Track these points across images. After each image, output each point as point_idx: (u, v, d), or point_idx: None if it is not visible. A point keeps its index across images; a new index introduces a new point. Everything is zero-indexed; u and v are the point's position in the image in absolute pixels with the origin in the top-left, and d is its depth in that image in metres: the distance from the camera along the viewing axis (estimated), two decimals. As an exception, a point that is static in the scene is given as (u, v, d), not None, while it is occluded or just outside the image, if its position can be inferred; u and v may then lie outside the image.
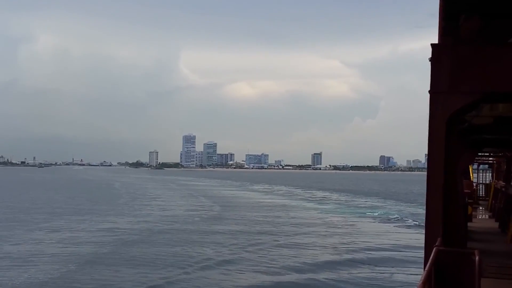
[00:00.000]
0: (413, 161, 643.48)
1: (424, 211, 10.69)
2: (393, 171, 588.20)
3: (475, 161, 36.02)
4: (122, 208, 76.05)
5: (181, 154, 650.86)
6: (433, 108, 10.09)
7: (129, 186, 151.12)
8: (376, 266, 34.21)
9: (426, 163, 10.31)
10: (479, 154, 29.68)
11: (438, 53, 10.12)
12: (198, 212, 70.61)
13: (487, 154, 32.20)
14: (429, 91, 10.12)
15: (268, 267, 33.47)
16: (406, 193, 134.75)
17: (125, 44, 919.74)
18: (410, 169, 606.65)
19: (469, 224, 22.16)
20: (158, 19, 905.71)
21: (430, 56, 10.07)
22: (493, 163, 39.54)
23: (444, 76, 10.03)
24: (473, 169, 40.16)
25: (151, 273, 31.31)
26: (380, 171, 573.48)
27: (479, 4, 10.05)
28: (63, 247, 40.27)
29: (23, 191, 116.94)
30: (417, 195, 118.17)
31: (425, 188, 10.52)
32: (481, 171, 46.47)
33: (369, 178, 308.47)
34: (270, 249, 40.19)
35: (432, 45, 10.20)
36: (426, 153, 10.34)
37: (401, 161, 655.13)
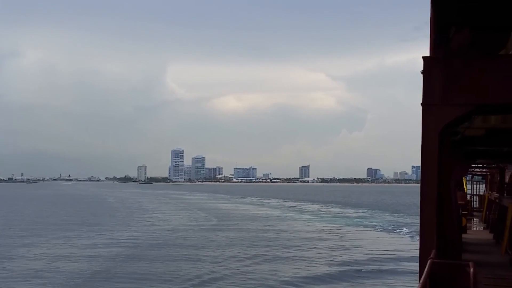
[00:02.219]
0: (400, 173, 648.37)
1: (415, 221, 10.73)
2: (380, 183, 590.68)
3: (468, 172, 36.12)
4: (124, 221, 78.26)
5: (169, 168, 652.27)
6: (426, 120, 10.13)
7: (123, 201, 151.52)
8: (371, 278, 34.11)
9: (413, 175, 10.34)
10: (472, 165, 29.79)
11: (430, 66, 10.18)
12: (197, 223, 73.98)
13: (481, 165, 32.29)
14: (422, 104, 10.17)
15: (267, 280, 33.54)
16: (394, 204, 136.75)
17: (112, 58, 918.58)
18: (397, 181, 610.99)
19: (463, 235, 22.14)
20: (144, 33, 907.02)
21: (420, 68, 10.14)
22: (486, 174, 39.67)
23: (436, 89, 10.09)
24: (466, 180, 40.25)
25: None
26: (367, 183, 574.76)
27: (469, 17, 10.15)
28: (82, 255, 43.12)
29: (25, 207, 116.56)
30: (405, 206, 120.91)
31: (413, 199, 10.57)
32: (474, 182, 46.58)
33: (357, 190, 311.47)
34: (269, 262, 40.55)
35: (424, 58, 10.27)
36: (413, 165, 10.39)
37: (388, 173, 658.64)
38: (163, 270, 36.55)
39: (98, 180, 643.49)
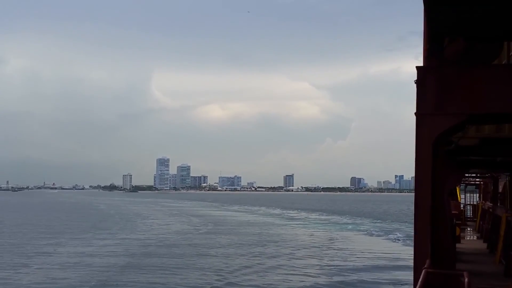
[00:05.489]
0: (383, 182, 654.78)
1: (401, 227, 10.72)
2: (364, 192, 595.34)
3: (462, 182, 36.19)
4: (127, 226, 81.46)
5: (154, 176, 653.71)
6: (419, 129, 10.12)
7: (116, 208, 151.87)
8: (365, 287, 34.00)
9: (396, 184, 10.28)
10: (466, 175, 29.87)
11: (424, 75, 10.19)
12: (196, 228, 78.73)
13: (474, 175, 32.38)
14: (415, 113, 10.16)
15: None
16: (379, 211, 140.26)
17: (96, 66, 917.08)
18: (380, 190, 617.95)
19: (457, 245, 22.16)
20: (129, 42, 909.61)
21: (403, 77, 10.24)
22: (480, 184, 39.78)
23: (430, 98, 10.09)
24: (460, 190, 40.33)
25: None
26: (351, 192, 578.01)
27: (463, 27, 10.17)
28: (101, 256, 46.38)
29: (25, 214, 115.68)
30: (390, 214, 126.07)
31: (397, 207, 10.56)
32: (468, 192, 46.68)
33: (341, 198, 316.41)
34: (264, 270, 40.51)
35: (418, 67, 10.28)
36: (396, 174, 10.34)
37: (371, 182, 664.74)
38: (176, 267, 40.27)
39: (82, 188, 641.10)
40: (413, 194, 10.50)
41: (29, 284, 33.64)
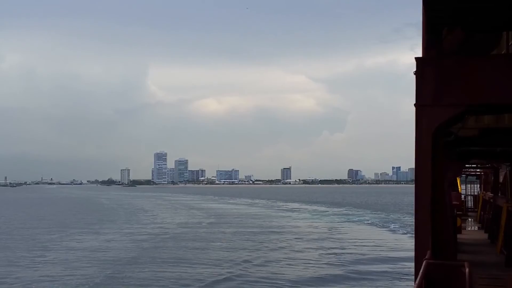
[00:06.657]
0: (380, 174, 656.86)
1: (401, 217, 10.75)
2: (361, 184, 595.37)
3: (462, 172, 36.19)
4: (133, 219, 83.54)
5: (152, 171, 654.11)
6: (419, 121, 10.11)
7: (118, 203, 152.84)
8: (366, 278, 34.04)
9: (393, 176, 10.26)
10: (466, 165, 29.87)
11: (423, 66, 10.17)
12: (200, 220, 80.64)
13: (475, 165, 32.37)
14: (415, 104, 10.15)
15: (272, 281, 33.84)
16: (378, 203, 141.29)
17: (92, 61, 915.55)
18: (378, 181, 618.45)
19: (458, 236, 22.20)
20: (124, 37, 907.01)
21: (398, 69, 10.23)
22: (480, 174, 39.79)
23: (429, 89, 10.08)
24: (461, 180, 40.34)
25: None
26: (349, 184, 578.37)
27: (462, 17, 10.15)
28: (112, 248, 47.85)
29: (32, 210, 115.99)
30: (388, 204, 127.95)
31: (395, 199, 10.57)
32: (469, 182, 46.71)
33: (339, 191, 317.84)
34: (270, 263, 40.80)
35: (416, 58, 10.26)
36: (393, 165, 10.32)
37: (369, 174, 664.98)
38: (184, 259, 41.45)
39: (80, 183, 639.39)
40: (411, 185, 10.53)
41: (50, 274, 34.90)
